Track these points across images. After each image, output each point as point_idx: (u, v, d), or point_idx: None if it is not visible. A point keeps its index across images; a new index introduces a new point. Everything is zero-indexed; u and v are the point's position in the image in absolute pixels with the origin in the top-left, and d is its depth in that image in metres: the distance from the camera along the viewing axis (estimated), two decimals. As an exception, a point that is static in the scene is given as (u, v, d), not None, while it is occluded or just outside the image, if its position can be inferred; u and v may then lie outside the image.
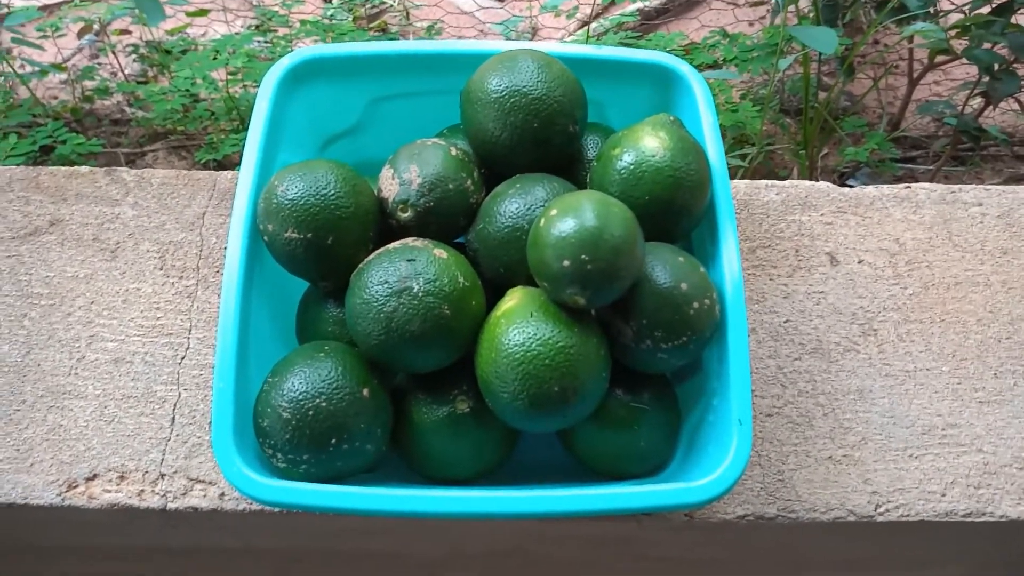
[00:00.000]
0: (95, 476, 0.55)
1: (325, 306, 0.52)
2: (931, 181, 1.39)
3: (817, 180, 1.46)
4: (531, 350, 0.44)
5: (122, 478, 0.55)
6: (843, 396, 0.58)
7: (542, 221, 0.45)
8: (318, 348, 0.48)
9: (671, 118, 0.51)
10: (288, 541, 0.61)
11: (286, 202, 0.48)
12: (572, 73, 0.53)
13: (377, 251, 0.48)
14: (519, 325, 0.45)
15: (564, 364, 0.44)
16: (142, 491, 0.55)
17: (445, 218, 0.50)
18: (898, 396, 0.58)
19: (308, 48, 0.55)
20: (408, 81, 0.57)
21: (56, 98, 1.41)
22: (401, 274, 0.46)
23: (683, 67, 0.55)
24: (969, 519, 0.55)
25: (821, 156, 1.40)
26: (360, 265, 0.48)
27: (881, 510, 0.55)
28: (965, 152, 1.42)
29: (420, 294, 0.45)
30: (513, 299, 0.47)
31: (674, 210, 0.49)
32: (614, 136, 0.51)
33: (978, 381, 0.59)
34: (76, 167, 0.65)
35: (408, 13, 1.55)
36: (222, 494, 0.55)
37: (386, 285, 0.45)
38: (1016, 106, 1.35)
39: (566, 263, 0.43)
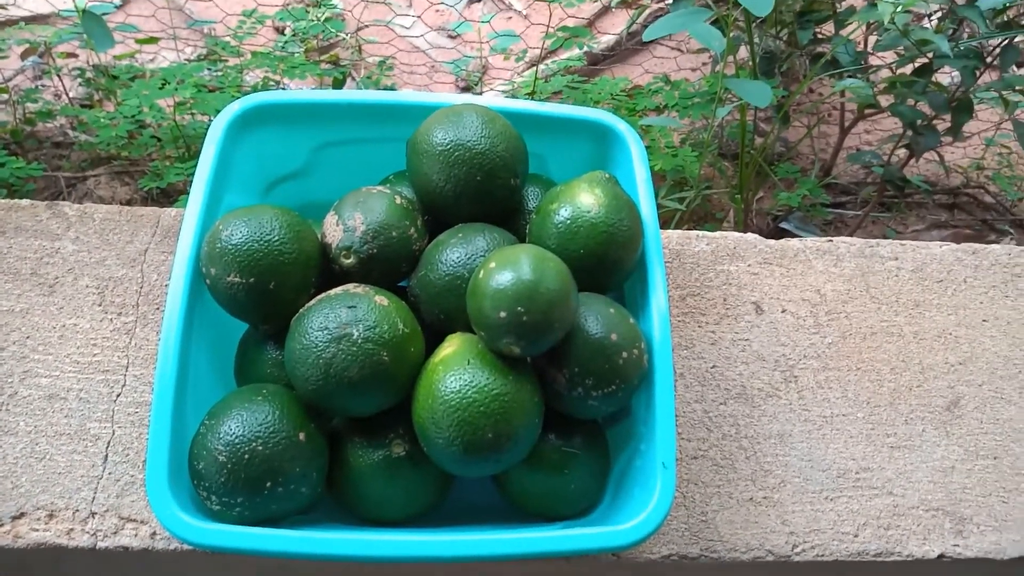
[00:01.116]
0: (22, 514, 0.54)
1: (265, 348, 0.53)
2: (859, 226, 1.46)
3: (752, 222, 1.52)
4: (467, 397, 0.46)
5: (51, 516, 0.55)
6: (764, 440, 0.61)
7: (481, 273, 0.46)
8: (256, 391, 0.48)
9: (606, 175, 0.53)
10: (221, 580, 0.61)
11: (230, 246, 0.49)
12: (515, 129, 0.55)
13: (318, 297, 0.49)
14: (456, 372, 0.47)
15: (498, 411, 0.45)
16: (71, 530, 0.54)
17: (388, 265, 0.52)
18: (816, 440, 0.61)
19: (257, 95, 0.56)
20: (353, 128, 0.59)
21: (-5, 118, 1.38)
22: (341, 320, 0.47)
23: (620, 125, 0.58)
24: (879, 559, 0.58)
25: (756, 199, 1.46)
26: (301, 310, 0.49)
27: (798, 550, 0.58)
28: (891, 199, 1.49)
29: (359, 340, 0.46)
30: (451, 346, 0.49)
31: (607, 263, 0.51)
32: (552, 191, 0.54)
33: (890, 427, 0.62)
34: (17, 200, 0.64)
35: (360, 47, 1.57)
36: (153, 533, 0.55)
37: (326, 331, 0.46)
38: (939, 157, 1.43)
39: (503, 314, 0.45)
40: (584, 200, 0.51)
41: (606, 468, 0.54)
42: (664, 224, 1.32)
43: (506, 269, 0.46)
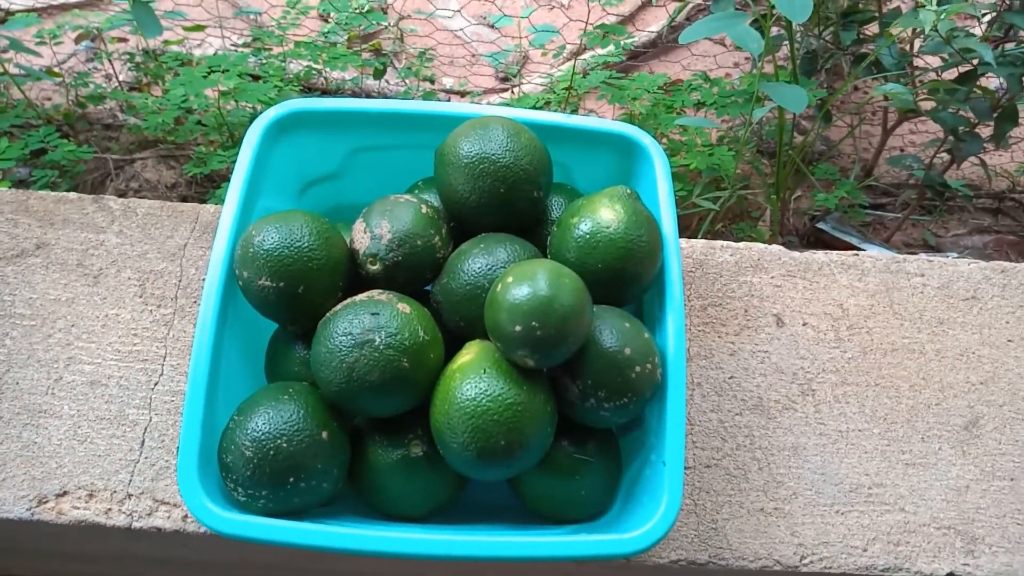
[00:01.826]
0: (65, 493, 0.58)
1: (293, 347, 0.55)
2: (898, 229, 1.44)
3: (789, 222, 1.51)
4: (481, 405, 0.47)
5: (91, 496, 0.58)
6: (779, 452, 0.62)
7: (499, 287, 0.48)
8: (282, 390, 0.51)
9: (628, 191, 0.54)
10: (249, 558, 0.64)
11: (261, 251, 0.51)
12: (540, 142, 0.56)
13: (343, 302, 0.51)
14: (472, 380, 0.48)
15: (511, 420, 0.47)
16: (109, 509, 0.58)
17: (412, 271, 0.54)
18: (830, 454, 0.62)
19: (292, 102, 0.58)
20: (385, 135, 0.61)
21: (50, 100, 1.43)
22: (365, 326, 0.49)
23: (645, 139, 0.59)
24: (887, 574, 0.59)
25: (794, 199, 1.45)
26: (327, 315, 0.51)
27: (806, 562, 0.59)
28: (931, 202, 1.47)
29: (381, 347, 0.48)
30: (469, 353, 0.51)
31: (625, 277, 0.52)
32: (573, 205, 0.55)
33: (906, 444, 0.63)
34: (65, 193, 0.68)
35: (403, 35, 1.59)
36: (185, 516, 0.58)
37: (349, 336, 0.48)
38: (982, 162, 1.40)
39: (518, 328, 0.46)
40: (604, 215, 0.53)
41: (617, 475, 0.55)
42: (699, 223, 1.32)
43: (523, 284, 0.47)
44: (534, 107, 1.29)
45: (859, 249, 1.41)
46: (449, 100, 1.51)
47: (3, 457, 0.58)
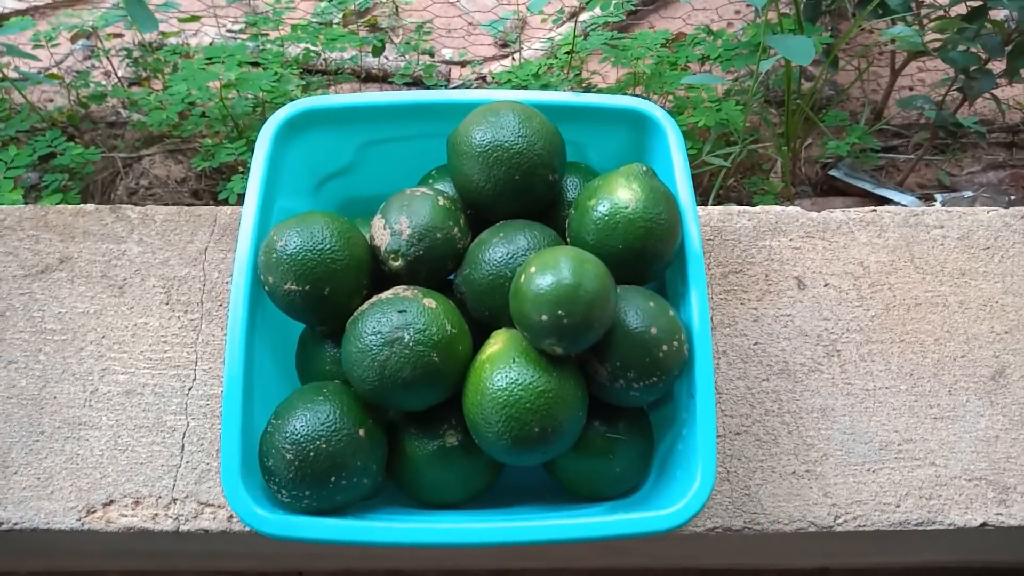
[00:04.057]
0: (112, 502, 0.59)
1: (323, 346, 0.56)
2: (912, 170, 1.43)
3: (800, 171, 1.49)
4: (513, 394, 0.48)
5: (137, 503, 0.59)
6: (807, 414, 0.63)
7: (522, 277, 0.48)
8: (317, 391, 0.52)
9: (644, 168, 0.54)
10: (296, 554, 0.65)
11: (285, 256, 0.51)
12: (551, 124, 0.56)
13: (370, 301, 0.52)
14: (502, 370, 0.49)
15: (544, 407, 0.48)
16: (156, 515, 0.59)
17: (434, 264, 0.54)
18: (858, 414, 0.63)
19: (301, 101, 0.58)
20: (395, 127, 0.60)
21: (52, 101, 1.43)
22: (393, 324, 0.49)
23: (657, 112, 0.59)
24: (921, 528, 0.60)
25: (804, 148, 1.43)
26: (355, 314, 0.52)
27: (840, 521, 0.60)
28: (944, 142, 1.45)
29: (411, 343, 0.49)
30: (497, 343, 0.51)
31: (647, 256, 0.53)
32: (590, 186, 0.55)
33: (933, 398, 0.63)
34: (82, 206, 0.68)
35: (398, 8, 1.57)
36: (230, 516, 0.59)
37: (379, 335, 0.49)
38: (994, 97, 1.38)
39: (544, 317, 0.47)
40: (622, 195, 0.52)
41: (650, 451, 0.56)
42: (710, 179, 1.31)
43: (546, 273, 0.47)
44: (536, 73, 1.28)
45: (873, 195, 1.40)
46: (449, 71, 1.50)
47: (49, 470, 0.60)
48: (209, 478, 0.60)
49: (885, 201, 1.39)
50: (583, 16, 1.43)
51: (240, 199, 1.06)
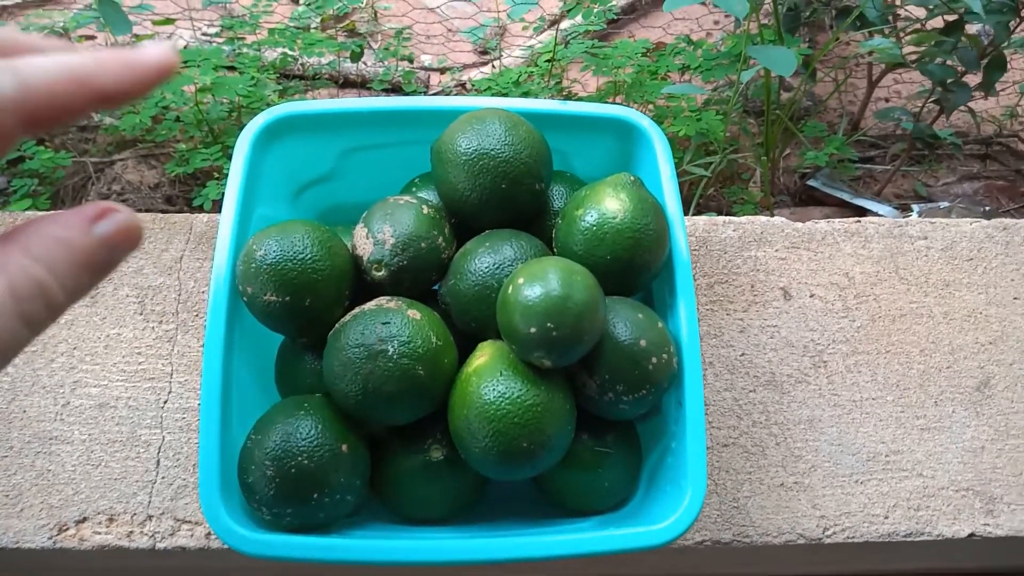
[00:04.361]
0: (85, 519, 0.57)
1: (303, 358, 0.54)
2: (889, 181, 1.44)
3: (779, 181, 1.50)
4: (501, 408, 0.47)
5: (111, 520, 0.57)
6: (794, 426, 0.62)
7: (510, 288, 0.47)
8: (298, 405, 0.50)
9: (631, 178, 0.53)
10: (278, 572, 0.64)
11: (264, 266, 0.50)
12: (538, 132, 0.55)
13: (352, 312, 0.50)
14: (489, 383, 0.48)
15: (532, 421, 0.47)
16: (131, 532, 0.57)
17: (418, 275, 0.53)
18: (845, 425, 0.62)
19: (280, 107, 0.56)
20: (377, 134, 0.59)
21: (21, 104, 1.40)
22: (377, 336, 0.48)
23: (644, 122, 0.58)
24: (909, 539, 0.59)
25: (783, 157, 1.44)
26: (337, 326, 0.50)
27: (829, 533, 0.59)
28: (920, 153, 1.47)
29: (395, 356, 0.48)
30: (484, 355, 0.50)
31: (635, 267, 0.52)
32: (577, 196, 0.54)
33: (920, 409, 0.63)
34: (55, 212, 0.66)
35: (376, 13, 1.55)
36: (208, 533, 0.57)
37: (362, 348, 0.48)
38: (970, 109, 1.40)
39: (533, 329, 0.46)
40: (609, 205, 0.52)
41: (638, 463, 0.55)
42: (690, 189, 1.31)
43: (535, 284, 0.46)
44: (517, 81, 1.27)
45: (850, 204, 1.41)
46: (428, 78, 1.49)
47: (19, 487, 0.58)
48: (186, 494, 0.58)
49: (863, 211, 1.40)
50: (564, 24, 1.43)
51: (216, 205, 1.04)
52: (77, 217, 0.25)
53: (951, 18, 1.05)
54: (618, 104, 1.26)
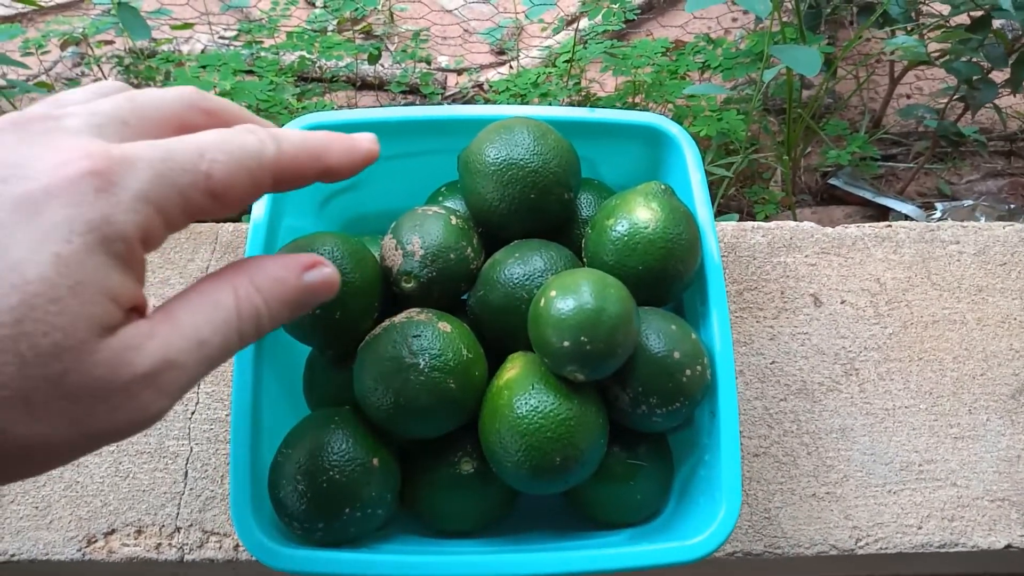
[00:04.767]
0: (113, 531, 0.57)
1: (331, 370, 0.54)
2: (912, 179, 1.42)
3: (800, 180, 1.49)
4: (533, 423, 0.46)
5: (139, 532, 0.57)
6: (826, 435, 0.61)
7: (542, 301, 0.47)
8: (328, 419, 0.50)
9: (662, 186, 0.53)
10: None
11: (294, 279, 0.49)
12: (566, 141, 0.55)
13: (382, 324, 0.50)
14: (521, 396, 0.47)
15: (565, 436, 0.46)
16: (159, 544, 0.57)
17: (447, 286, 0.52)
18: (878, 434, 0.61)
19: (309, 116, 0.56)
20: (403, 143, 0.59)
21: (41, 110, 1.40)
22: (408, 349, 0.48)
23: (673, 128, 0.57)
24: (943, 550, 0.58)
25: (804, 156, 1.43)
26: (368, 338, 0.50)
27: (861, 544, 0.58)
28: (944, 150, 1.45)
29: (427, 370, 0.47)
30: (515, 368, 0.50)
31: (667, 278, 0.51)
32: (607, 205, 0.53)
33: (953, 417, 0.62)
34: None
35: (393, 15, 1.55)
36: (236, 545, 0.57)
37: (393, 361, 0.47)
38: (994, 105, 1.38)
39: (566, 343, 0.45)
40: (641, 215, 0.51)
41: (670, 476, 0.55)
42: (711, 188, 1.30)
43: (567, 297, 0.46)
44: (535, 82, 1.27)
45: (873, 203, 1.39)
46: (445, 79, 1.48)
47: (48, 499, 0.58)
48: (214, 505, 0.58)
49: (885, 210, 1.38)
50: (581, 24, 1.42)
51: (240, 215, 1.04)
52: (294, 262, 0.32)
53: (977, 14, 1.04)
54: (637, 104, 1.25)
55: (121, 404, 0.27)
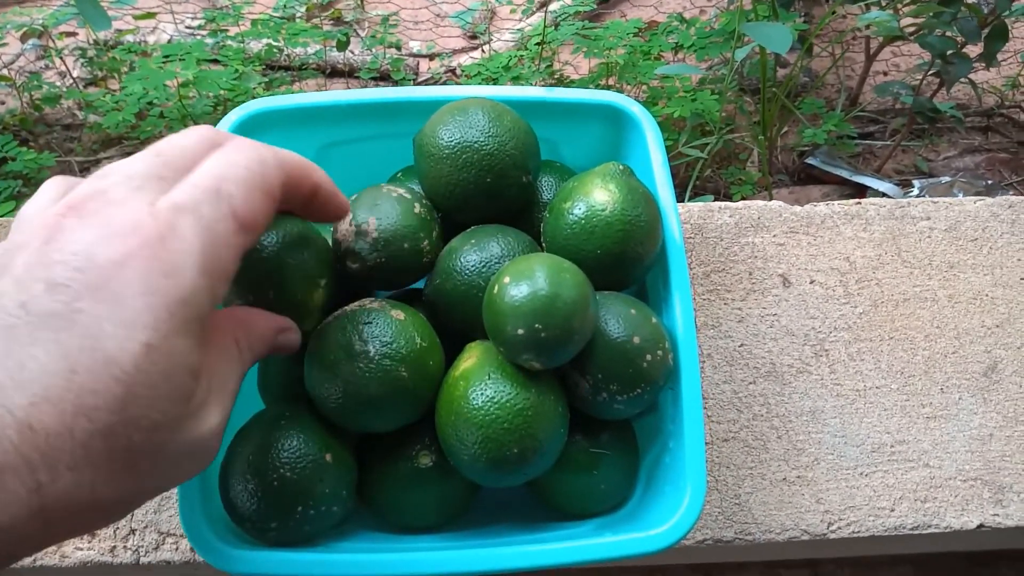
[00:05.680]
0: (66, 534, 0.56)
1: (286, 363, 0.52)
2: (889, 157, 1.42)
3: (777, 159, 1.47)
4: (490, 414, 0.45)
5: (93, 535, 0.56)
6: (796, 418, 0.60)
7: (496, 288, 0.45)
8: (278, 414, 0.48)
9: (620, 167, 0.51)
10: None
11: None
12: (524, 122, 0.53)
13: (335, 314, 0.48)
14: (477, 387, 0.46)
15: (522, 426, 0.45)
16: (114, 547, 0.55)
17: (394, 276, 0.50)
18: (849, 415, 0.60)
19: (256, 102, 0.54)
20: (357, 127, 0.57)
21: (3, 104, 1.37)
22: (359, 337, 0.46)
23: (634, 107, 0.56)
24: (916, 532, 0.58)
25: (780, 136, 1.41)
26: (318, 328, 0.48)
27: (833, 528, 0.57)
28: (921, 127, 1.44)
29: (377, 357, 0.45)
30: (471, 358, 0.48)
31: (626, 261, 0.50)
32: (565, 188, 0.52)
33: (925, 397, 0.61)
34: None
35: (362, 0, 1.52)
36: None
37: (343, 350, 0.46)
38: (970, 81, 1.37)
39: (520, 331, 0.44)
40: (598, 196, 0.49)
41: (635, 463, 0.53)
42: (687, 171, 1.29)
43: (521, 283, 0.44)
44: (507, 65, 1.24)
45: (850, 182, 1.38)
46: (417, 64, 1.46)
47: (-4, 504, 0.56)
48: (169, 506, 0.56)
49: (863, 188, 1.37)
50: (553, 5, 1.40)
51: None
52: (275, 323, 0.42)
53: (951, -12, 1.02)
54: (610, 87, 1.23)
55: (202, 457, 0.33)
